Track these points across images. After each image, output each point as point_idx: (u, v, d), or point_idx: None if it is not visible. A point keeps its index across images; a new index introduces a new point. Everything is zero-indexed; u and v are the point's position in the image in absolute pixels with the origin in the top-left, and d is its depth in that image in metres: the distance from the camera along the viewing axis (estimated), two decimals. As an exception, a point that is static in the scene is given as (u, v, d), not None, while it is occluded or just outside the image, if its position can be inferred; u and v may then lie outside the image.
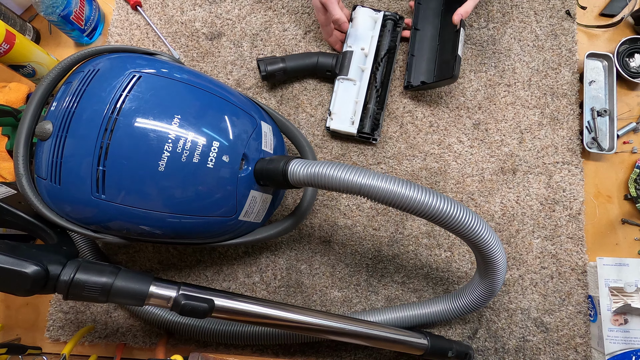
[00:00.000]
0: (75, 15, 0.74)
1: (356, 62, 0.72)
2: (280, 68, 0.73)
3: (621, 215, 0.74)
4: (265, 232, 0.62)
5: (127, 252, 0.73)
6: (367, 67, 0.72)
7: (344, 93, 0.72)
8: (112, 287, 0.47)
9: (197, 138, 0.49)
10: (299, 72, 0.75)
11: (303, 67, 0.74)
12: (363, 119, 0.72)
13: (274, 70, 0.73)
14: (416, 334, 0.63)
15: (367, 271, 0.72)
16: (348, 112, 0.71)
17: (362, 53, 0.72)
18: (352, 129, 0.71)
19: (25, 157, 0.51)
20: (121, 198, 0.48)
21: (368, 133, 0.72)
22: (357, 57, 0.72)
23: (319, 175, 0.49)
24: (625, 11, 0.78)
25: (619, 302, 0.66)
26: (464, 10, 0.66)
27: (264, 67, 0.73)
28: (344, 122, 0.71)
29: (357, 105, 0.71)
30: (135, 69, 0.51)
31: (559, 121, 0.75)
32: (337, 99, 0.72)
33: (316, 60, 0.74)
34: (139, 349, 0.71)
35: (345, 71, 0.72)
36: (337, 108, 0.72)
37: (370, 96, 0.72)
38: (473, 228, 0.49)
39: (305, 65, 0.74)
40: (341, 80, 0.73)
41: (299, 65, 0.74)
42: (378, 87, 0.72)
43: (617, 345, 0.65)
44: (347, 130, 0.71)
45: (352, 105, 0.72)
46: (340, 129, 0.71)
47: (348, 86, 0.72)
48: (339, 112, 0.72)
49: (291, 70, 0.74)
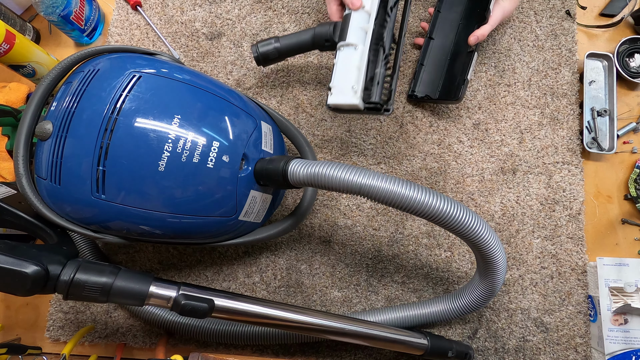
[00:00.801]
0: (75, 15, 0.74)
1: (357, 23, 0.60)
2: (274, 48, 0.66)
3: (621, 215, 0.74)
4: (265, 232, 0.62)
5: (127, 252, 0.73)
6: (369, 27, 0.58)
7: (344, 62, 0.60)
8: (112, 287, 0.47)
9: (197, 138, 0.49)
10: (295, 49, 0.67)
11: (299, 43, 0.66)
12: (369, 87, 0.58)
13: (268, 52, 0.67)
14: (416, 334, 0.63)
15: (367, 271, 0.72)
16: (349, 81, 0.58)
17: (364, 13, 0.59)
18: (354, 100, 0.57)
19: (25, 157, 0.51)
20: (121, 198, 0.48)
21: (376, 102, 0.58)
22: (358, 18, 0.60)
23: (319, 175, 0.49)
24: (625, 11, 0.78)
25: (619, 302, 0.66)
26: (480, 33, 0.66)
27: (256, 50, 0.67)
28: (344, 94, 0.58)
29: (359, 71, 0.58)
30: (135, 69, 0.51)
31: (559, 121, 0.75)
32: (337, 71, 0.60)
33: (312, 32, 0.65)
34: (139, 349, 0.71)
35: (344, 35, 0.60)
36: (337, 80, 0.60)
37: (378, 59, 0.59)
38: (473, 228, 0.49)
39: (302, 41, 0.66)
40: (341, 48, 0.61)
41: (295, 41, 0.66)
42: (385, 48, 0.59)
43: (617, 345, 0.65)
44: (348, 102, 0.58)
45: (353, 73, 0.58)
46: (340, 102, 0.59)
47: (349, 53, 0.60)
48: (339, 84, 0.59)
49: (286, 49, 0.67)
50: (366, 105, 0.58)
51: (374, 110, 0.59)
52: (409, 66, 0.77)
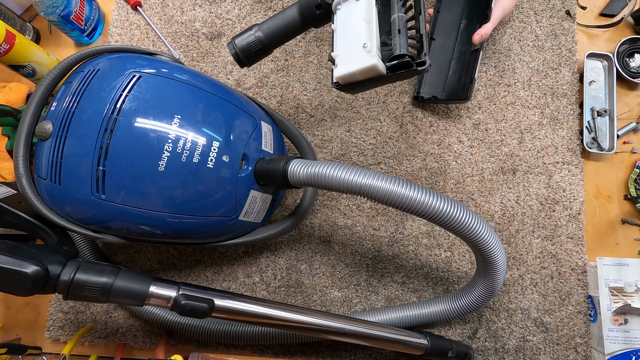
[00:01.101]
0: (75, 15, 0.74)
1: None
2: (255, 39, 0.52)
3: (621, 215, 0.74)
4: (265, 232, 0.62)
5: (127, 252, 0.73)
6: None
7: (346, 20, 0.46)
8: (112, 287, 0.47)
9: (197, 138, 0.49)
10: (282, 34, 0.53)
11: (285, 25, 0.52)
12: (387, 43, 0.44)
13: (249, 45, 0.52)
14: (416, 334, 0.63)
15: (367, 271, 0.72)
16: (358, 41, 0.43)
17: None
18: (370, 60, 0.42)
19: (25, 157, 0.51)
20: (121, 198, 0.48)
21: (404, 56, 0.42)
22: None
23: (319, 175, 0.49)
24: (625, 11, 0.78)
25: (619, 302, 0.65)
26: (484, 31, 0.67)
27: (233, 47, 0.52)
28: (355, 59, 0.43)
29: (369, 24, 0.43)
30: (135, 69, 0.51)
31: (559, 121, 0.75)
32: (338, 35, 0.46)
33: (298, 5, 0.52)
34: (139, 349, 0.71)
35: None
36: (341, 46, 0.46)
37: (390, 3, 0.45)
38: (473, 228, 0.49)
39: (288, 20, 0.52)
40: (338, 7, 0.48)
41: (279, 24, 0.52)
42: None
43: (617, 345, 0.65)
44: (363, 65, 0.42)
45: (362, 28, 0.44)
46: (351, 70, 0.44)
47: (349, 9, 0.46)
48: (345, 50, 0.45)
49: (271, 37, 0.53)
50: (389, 65, 0.43)
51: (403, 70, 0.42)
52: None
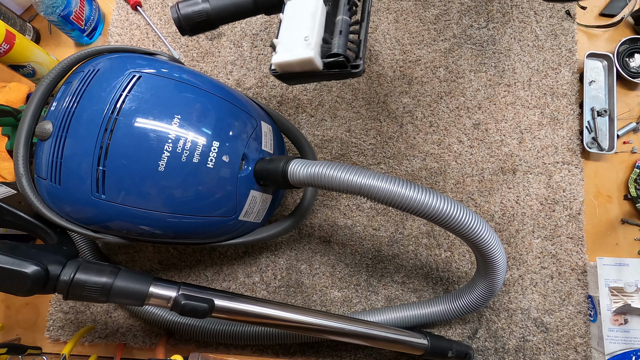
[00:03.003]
0: (75, 15, 0.74)
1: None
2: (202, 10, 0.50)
3: (621, 215, 0.74)
4: (265, 232, 0.62)
5: (127, 252, 0.73)
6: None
7: (293, 11, 0.46)
8: (112, 287, 0.47)
9: (197, 138, 0.49)
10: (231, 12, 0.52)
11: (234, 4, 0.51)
12: (328, 41, 0.44)
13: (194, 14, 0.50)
14: (416, 334, 0.63)
15: (367, 271, 0.72)
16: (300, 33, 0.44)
17: None
18: (307, 52, 0.42)
19: (25, 157, 0.51)
20: (121, 198, 0.48)
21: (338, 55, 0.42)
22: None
23: (319, 175, 0.49)
24: (625, 11, 0.78)
25: (619, 302, 0.65)
26: None
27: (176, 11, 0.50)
28: (294, 49, 0.43)
29: (313, 18, 0.44)
30: (135, 69, 0.51)
31: (559, 121, 0.75)
32: (284, 25, 0.47)
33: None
34: (139, 349, 0.71)
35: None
36: (285, 35, 0.46)
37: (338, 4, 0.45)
38: (473, 228, 0.49)
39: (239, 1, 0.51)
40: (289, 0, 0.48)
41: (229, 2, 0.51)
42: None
43: (617, 345, 0.65)
44: (299, 56, 0.43)
45: (307, 21, 0.44)
46: (288, 59, 0.44)
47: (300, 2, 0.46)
48: (286, 39, 0.45)
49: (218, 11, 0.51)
50: (326, 61, 0.43)
51: (337, 69, 0.43)
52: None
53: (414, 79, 0.77)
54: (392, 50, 0.78)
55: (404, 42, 0.78)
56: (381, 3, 0.80)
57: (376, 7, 0.79)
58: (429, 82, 0.77)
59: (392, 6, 0.80)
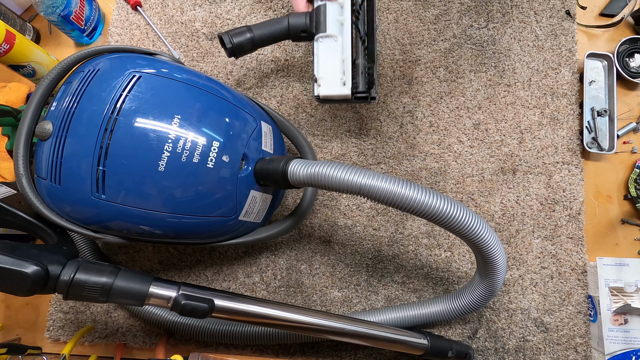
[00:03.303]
0: (75, 15, 0.74)
1: (332, 15, 0.62)
2: (248, 39, 0.64)
3: (621, 215, 0.74)
4: (265, 232, 0.62)
5: (127, 252, 0.73)
6: (346, 19, 0.62)
7: (326, 53, 0.63)
8: (112, 287, 0.47)
9: (197, 138, 0.49)
10: (270, 39, 0.66)
11: (274, 34, 0.65)
12: (354, 77, 0.62)
13: (242, 42, 0.64)
14: (416, 334, 0.62)
15: (367, 271, 0.72)
16: (336, 73, 0.62)
17: (336, 4, 0.63)
18: (345, 91, 0.61)
19: (25, 157, 0.51)
20: (121, 198, 0.48)
21: (364, 92, 0.62)
22: (333, 10, 0.63)
23: (319, 175, 0.49)
24: (625, 11, 0.78)
25: (619, 302, 0.66)
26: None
27: (229, 40, 0.64)
28: (334, 86, 0.62)
29: (344, 63, 0.62)
30: (135, 69, 0.51)
31: (559, 121, 0.75)
32: (320, 62, 0.63)
33: (287, 22, 0.64)
34: (139, 349, 0.71)
35: (322, 27, 0.62)
36: (323, 71, 0.62)
37: (357, 51, 0.62)
38: (473, 228, 0.49)
39: (276, 31, 0.65)
40: (320, 40, 0.63)
41: (269, 32, 0.65)
42: (364, 39, 0.62)
43: (617, 345, 0.65)
44: (340, 93, 0.61)
45: (339, 65, 0.62)
46: (331, 93, 0.62)
47: (329, 44, 0.63)
48: (326, 75, 0.62)
49: (260, 39, 0.65)
50: (355, 95, 0.62)
51: (361, 99, 0.62)
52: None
53: (414, 79, 0.77)
54: (392, 50, 0.78)
55: (404, 42, 0.78)
56: (381, 3, 0.80)
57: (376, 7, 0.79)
58: (429, 82, 0.77)
59: (392, 6, 0.80)
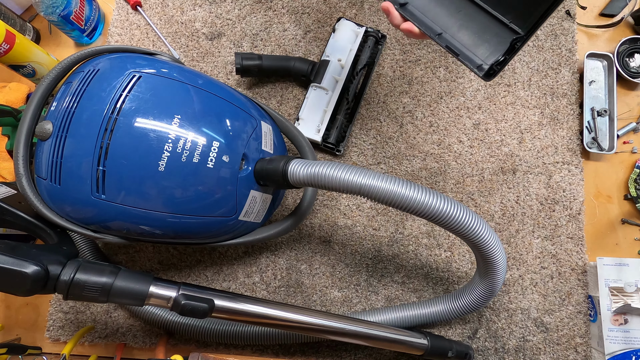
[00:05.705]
0: (75, 15, 0.74)
1: (332, 72, 0.72)
2: (255, 65, 0.72)
3: (621, 215, 0.74)
4: (265, 232, 0.62)
5: (127, 252, 0.73)
6: (341, 79, 0.72)
7: (314, 100, 0.73)
8: (112, 287, 0.47)
9: (197, 138, 0.49)
10: (274, 71, 0.75)
11: (279, 68, 0.74)
12: (330, 129, 0.71)
13: (250, 66, 0.72)
14: (416, 334, 0.63)
15: (367, 271, 0.72)
16: (316, 119, 0.72)
17: (338, 64, 0.73)
18: (316, 137, 0.71)
19: (25, 157, 0.51)
20: (121, 198, 0.48)
21: (332, 144, 0.71)
22: (333, 68, 0.73)
23: (319, 175, 0.49)
24: (625, 11, 0.78)
25: (619, 302, 0.66)
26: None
27: (240, 61, 0.72)
28: (310, 129, 0.72)
29: (325, 114, 0.71)
30: (135, 69, 0.51)
31: (559, 121, 0.75)
32: (306, 105, 0.73)
33: (292, 64, 0.73)
34: (139, 349, 0.71)
35: (319, 79, 0.72)
36: (306, 114, 0.72)
37: (341, 108, 0.72)
38: (473, 228, 0.49)
39: (281, 67, 0.74)
40: (314, 88, 0.73)
41: (275, 65, 0.73)
42: (350, 100, 0.72)
43: (617, 345, 0.65)
44: (311, 137, 0.71)
45: (320, 114, 0.72)
46: (306, 135, 0.71)
47: (320, 94, 0.73)
48: (307, 118, 0.72)
49: (266, 69, 0.73)
50: (324, 143, 0.72)
51: (329, 148, 0.73)
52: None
53: (414, 79, 0.77)
54: (392, 50, 0.78)
55: (404, 42, 0.78)
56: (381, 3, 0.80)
57: (376, 7, 0.79)
58: (429, 82, 0.77)
59: (392, 6, 0.80)
